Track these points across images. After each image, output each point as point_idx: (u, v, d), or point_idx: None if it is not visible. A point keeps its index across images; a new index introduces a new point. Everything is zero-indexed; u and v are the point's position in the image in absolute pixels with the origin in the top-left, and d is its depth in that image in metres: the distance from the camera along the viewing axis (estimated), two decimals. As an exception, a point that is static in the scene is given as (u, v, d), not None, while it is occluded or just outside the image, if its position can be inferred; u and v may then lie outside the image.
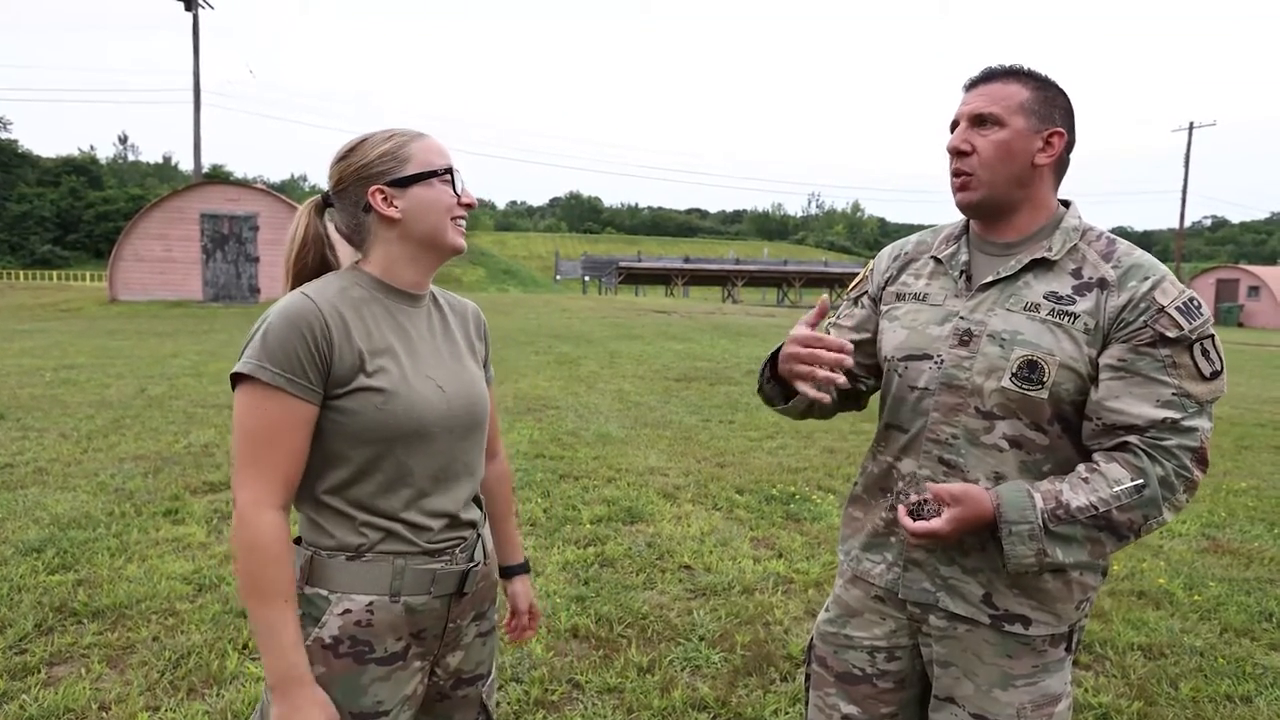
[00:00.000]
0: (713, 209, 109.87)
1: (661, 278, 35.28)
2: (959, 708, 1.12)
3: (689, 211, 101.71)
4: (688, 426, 5.71)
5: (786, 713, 2.10)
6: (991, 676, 1.10)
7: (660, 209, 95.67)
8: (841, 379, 1.00)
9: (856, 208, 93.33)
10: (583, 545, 3.27)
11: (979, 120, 1.07)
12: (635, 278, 35.26)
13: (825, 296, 1.11)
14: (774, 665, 2.35)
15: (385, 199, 1.04)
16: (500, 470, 1.29)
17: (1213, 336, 1.02)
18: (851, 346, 1.02)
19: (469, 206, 1.09)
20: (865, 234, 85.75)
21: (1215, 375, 1.01)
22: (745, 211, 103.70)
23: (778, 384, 1.17)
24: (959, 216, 1.19)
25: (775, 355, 1.15)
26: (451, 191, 1.07)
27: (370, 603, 1.00)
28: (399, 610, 1.02)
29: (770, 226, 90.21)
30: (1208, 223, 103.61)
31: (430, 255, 1.08)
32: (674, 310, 17.42)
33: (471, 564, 1.10)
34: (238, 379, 0.97)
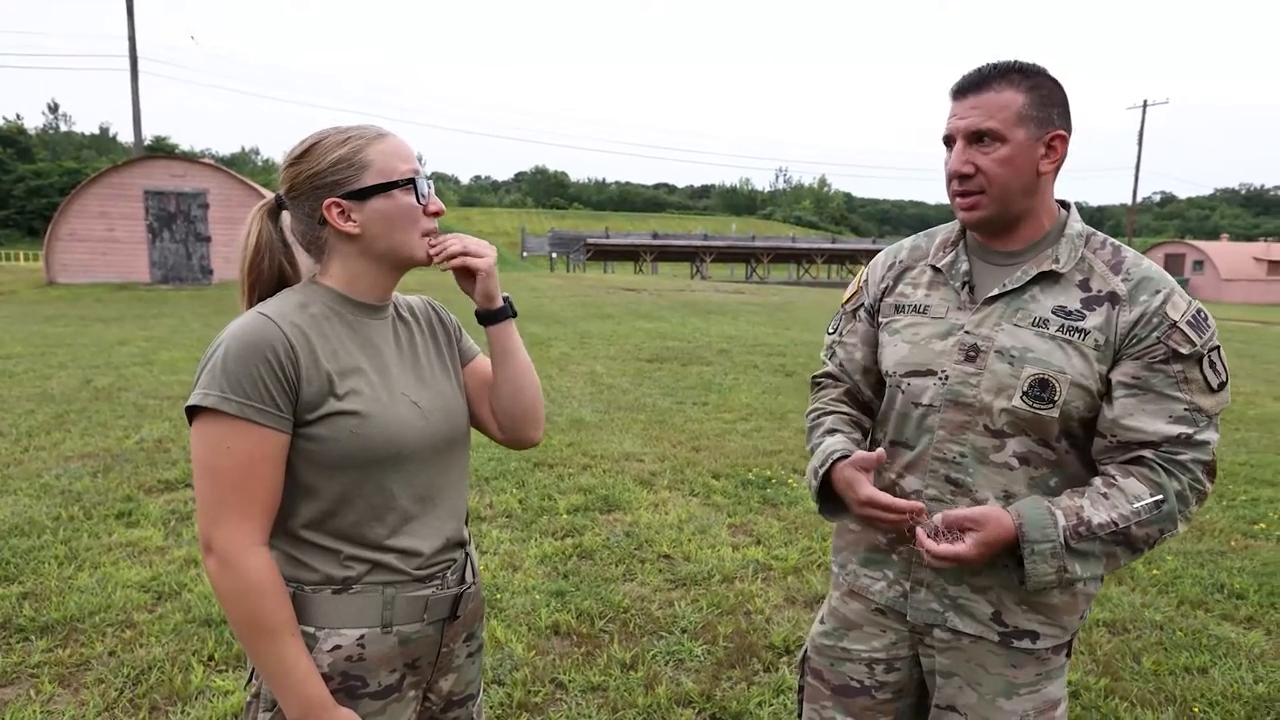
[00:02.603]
0: (680, 184, 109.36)
1: (630, 254, 34.98)
2: (960, 716, 1.12)
3: (656, 186, 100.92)
4: (661, 409, 5.69)
5: (770, 704, 2.11)
6: (996, 686, 1.10)
7: (628, 184, 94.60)
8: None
9: (823, 182, 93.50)
10: (560, 536, 3.23)
11: (977, 137, 1.03)
12: (603, 254, 34.89)
13: (881, 451, 1.07)
14: (756, 656, 2.36)
15: (342, 213, 0.95)
16: None
17: (1218, 348, 1.03)
18: (923, 506, 1.04)
19: (436, 214, 0.99)
20: (832, 209, 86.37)
21: (1222, 386, 1.02)
22: (713, 186, 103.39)
23: (831, 501, 1.16)
24: (925, 196, 1.16)
25: (829, 474, 1.13)
26: (415, 201, 0.97)
27: (361, 636, 0.95)
28: (392, 642, 0.97)
29: (738, 201, 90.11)
30: (1157, 198, 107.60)
31: (394, 268, 1.00)
32: (643, 288, 17.31)
33: (463, 586, 1.05)
34: (195, 412, 0.88)
